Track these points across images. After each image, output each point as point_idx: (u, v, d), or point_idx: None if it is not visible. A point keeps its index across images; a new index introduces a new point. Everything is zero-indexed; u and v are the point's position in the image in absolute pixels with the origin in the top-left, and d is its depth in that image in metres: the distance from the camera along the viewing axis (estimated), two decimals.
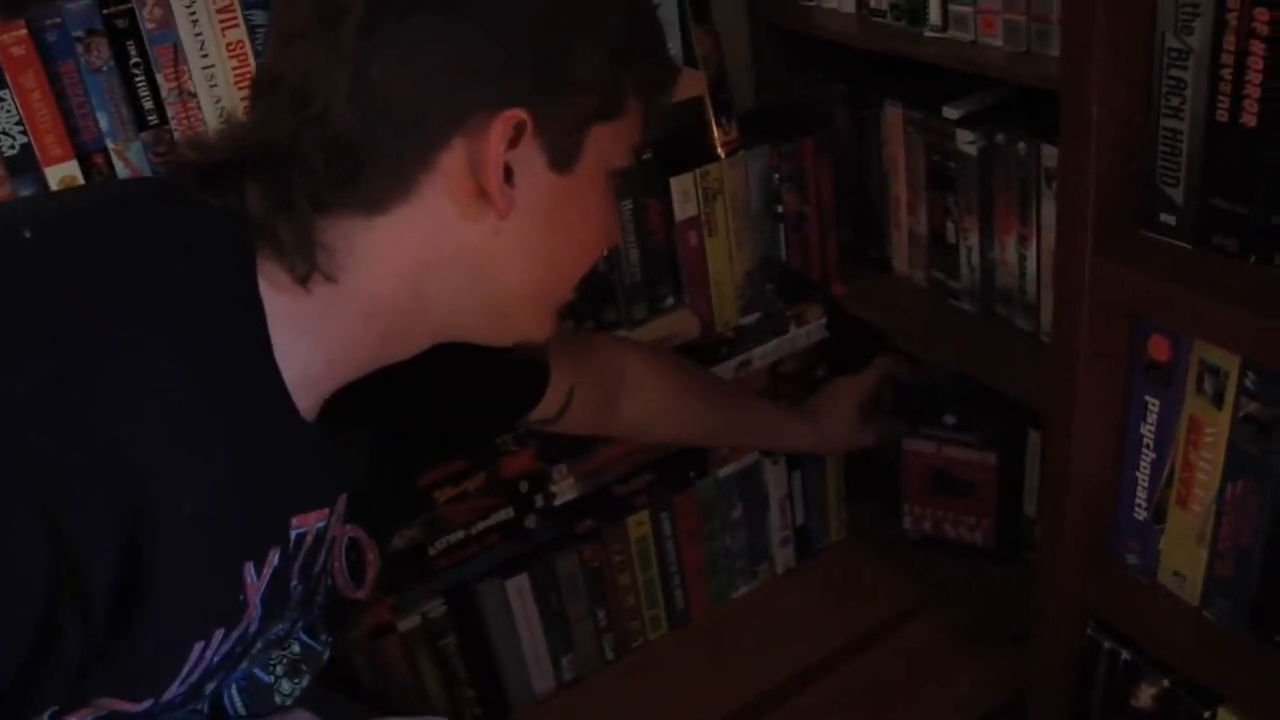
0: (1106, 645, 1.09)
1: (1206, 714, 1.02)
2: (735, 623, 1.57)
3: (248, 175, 0.67)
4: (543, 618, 1.42)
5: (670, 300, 1.40)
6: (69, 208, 0.71)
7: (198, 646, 0.68)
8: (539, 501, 1.35)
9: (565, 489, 1.36)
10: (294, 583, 0.76)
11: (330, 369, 0.72)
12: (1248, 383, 0.90)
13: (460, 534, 1.31)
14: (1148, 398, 0.98)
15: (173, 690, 0.70)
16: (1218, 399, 0.93)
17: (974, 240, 1.34)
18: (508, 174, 0.69)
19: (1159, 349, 0.96)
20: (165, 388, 0.60)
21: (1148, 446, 1.00)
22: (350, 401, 0.76)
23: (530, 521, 1.36)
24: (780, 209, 1.44)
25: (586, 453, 1.36)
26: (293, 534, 0.73)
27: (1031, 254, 1.27)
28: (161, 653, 0.67)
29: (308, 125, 0.65)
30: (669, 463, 1.45)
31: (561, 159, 0.72)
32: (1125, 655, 1.08)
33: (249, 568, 0.69)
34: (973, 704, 1.39)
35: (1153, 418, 0.99)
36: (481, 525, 1.32)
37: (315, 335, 0.70)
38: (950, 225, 1.37)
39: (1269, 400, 0.89)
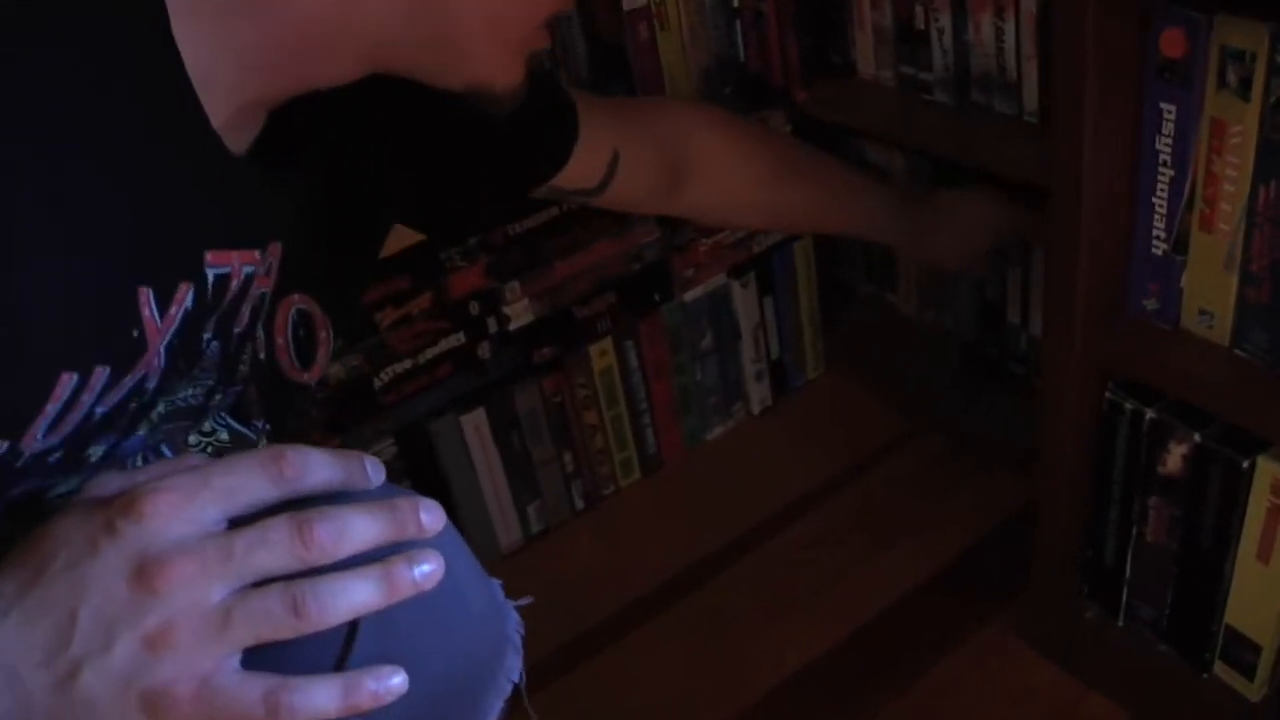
0: (1129, 407, 0.99)
1: (1245, 464, 0.92)
2: (711, 466, 1.47)
3: None
4: (504, 461, 1.31)
5: None
6: None
7: (68, 379, 0.56)
8: (492, 326, 1.23)
9: (519, 311, 1.25)
10: (208, 335, 0.64)
11: (246, 78, 0.61)
12: None
13: (408, 363, 1.19)
14: (1162, 104, 0.88)
15: (37, 436, 0.57)
16: (1244, 89, 0.82)
17: (946, 22, 1.24)
18: None
19: (1173, 44, 0.85)
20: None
21: (1165, 164, 0.90)
22: (292, 135, 0.66)
23: (484, 350, 1.24)
24: (736, 3, 1.33)
25: (540, 267, 1.24)
26: (209, 272, 0.61)
27: (1010, 27, 1.17)
28: (17, 370, 0.54)
29: None
30: (631, 281, 1.34)
31: None
32: (1150, 414, 0.98)
33: (147, 297, 0.57)
34: (979, 519, 1.31)
35: (1169, 128, 0.88)
36: (431, 353, 1.21)
37: (220, 28, 0.58)
38: (919, 10, 1.27)
39: None
